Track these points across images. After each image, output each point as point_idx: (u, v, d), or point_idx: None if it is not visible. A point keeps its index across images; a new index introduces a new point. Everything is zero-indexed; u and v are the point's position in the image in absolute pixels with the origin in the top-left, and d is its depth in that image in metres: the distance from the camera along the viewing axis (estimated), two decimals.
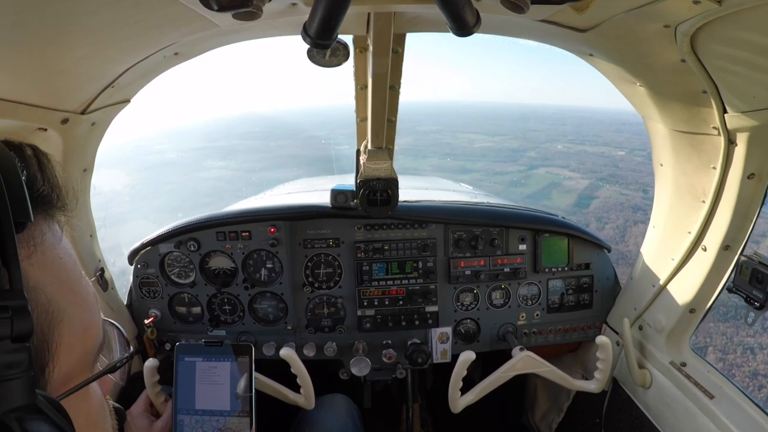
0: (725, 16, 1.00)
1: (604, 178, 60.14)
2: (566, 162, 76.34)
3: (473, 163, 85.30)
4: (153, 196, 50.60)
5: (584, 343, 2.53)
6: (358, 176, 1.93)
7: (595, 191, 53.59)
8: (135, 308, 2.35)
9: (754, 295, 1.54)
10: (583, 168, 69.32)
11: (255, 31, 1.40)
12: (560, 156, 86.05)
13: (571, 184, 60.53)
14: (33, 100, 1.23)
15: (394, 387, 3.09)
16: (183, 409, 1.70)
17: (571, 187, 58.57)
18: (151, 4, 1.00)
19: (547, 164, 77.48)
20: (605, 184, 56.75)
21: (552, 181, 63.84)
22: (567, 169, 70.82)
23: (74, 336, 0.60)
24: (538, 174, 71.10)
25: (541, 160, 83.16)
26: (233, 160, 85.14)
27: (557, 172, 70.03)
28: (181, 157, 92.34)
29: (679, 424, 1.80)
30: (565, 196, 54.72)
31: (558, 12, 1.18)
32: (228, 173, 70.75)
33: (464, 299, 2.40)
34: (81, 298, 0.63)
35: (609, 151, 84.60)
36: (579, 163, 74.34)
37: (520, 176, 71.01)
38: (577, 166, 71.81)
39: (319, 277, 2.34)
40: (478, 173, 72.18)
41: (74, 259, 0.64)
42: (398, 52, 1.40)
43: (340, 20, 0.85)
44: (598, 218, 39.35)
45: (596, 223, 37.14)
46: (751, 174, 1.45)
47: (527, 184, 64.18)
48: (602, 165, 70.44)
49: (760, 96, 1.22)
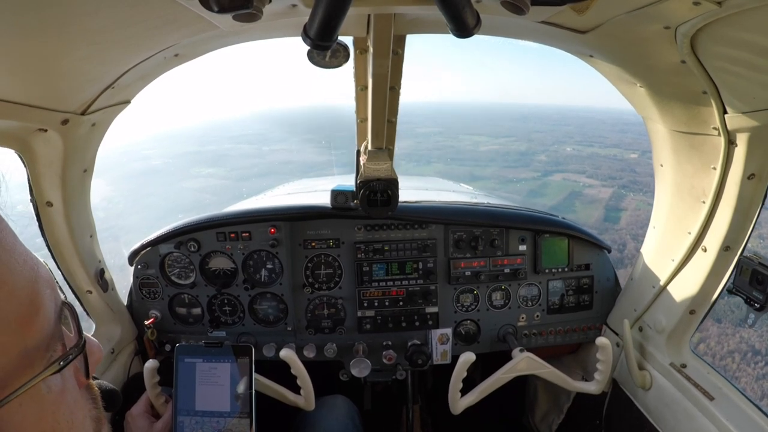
0: (725, 17, 1.00)
1: (626, 185, 58.20)
2: (581, 167, 74.35)
3: (482, 169, 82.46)
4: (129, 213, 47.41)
5: (584, 344, 2.53)
6: (359, 177, 1.93)
7: (621, 202, 51.63)
8: (135, 309, 2.35)
9: (754, 296, 1.53)
10: (601, 174, 67.45)
11: (255, 33, 1.40)
12: (572, 160, 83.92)
13: (592, 193, 58.59)
14: (33, 101, 1.23)
15: (394, 388, 3.09)
16: (183, 410, 1.69)
17: (594, 197, 56.59)
18: (152, 6, 1.00)
19: (561, 170, 75.28)
20: (628, 192, 55.06)
21: (572, 190, 61.66)
22: (584, 175, 68.70)
23: (3, 335, 0.52)
24: (554, 181, 68.67)
25: (553, 165, 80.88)
26: (222, 167, 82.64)
27: (574, 178, 67.96)
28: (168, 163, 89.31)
29: (679, 425, 1.79)
30: (590, 208, 52.52)
31: (558, 13, 1.18)
32: (215, 182, 68.18)
33: (464, 300, 2.40)
34: (10, 288, 0.53)
35: (621, 154, 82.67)
36: (594, 167, 72.28)
37: (536, 184, 68.23)
38: (594, 171, 69.81)
39: (320, 278, 2.34)
40: (489, 180, 69.25)
41: (5, 241, 0.55)
42: (398, 54, 1.40)
43: (341, 22, 0.85)
44: (634, 237, 35.67)
45: (634, 243, 32.37)
46: (752, 174, 1.45)
47: (546, 194, 61.74)
48: (619, 170, 68.38)
49: (760, 96, 1.22)
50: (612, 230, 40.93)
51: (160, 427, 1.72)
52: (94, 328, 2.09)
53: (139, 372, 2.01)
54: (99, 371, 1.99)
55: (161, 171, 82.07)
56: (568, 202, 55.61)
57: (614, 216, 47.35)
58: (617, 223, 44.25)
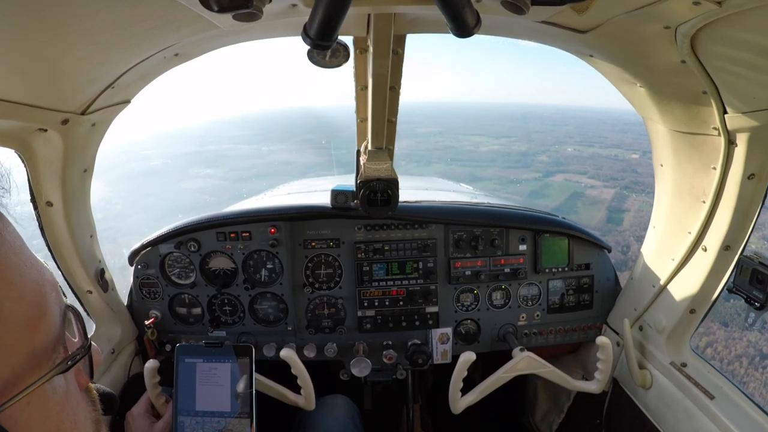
0: (725, 17, 1.00)
1: (628, 186, 57.05)
2: (582, 167, 73.32)
3: (483, 169, 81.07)
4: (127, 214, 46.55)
5: (584, 343, 2.53)
6: (359, 177, 1.93)
7: (623, 203, 50.64)
8: (135, 309, 2.35)
9: (755, 296, 1.53)
10: (602, 174, 66.37)
11: (255, 32, 1.40)
12: (574, 160, 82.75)
13: (594, 194, 57.51)
14: (33, 101, 1.23)
15: (394, 388, 3.09)
16: (183, 410, 1.69)
17: (596, 198, 55.56)
18: (152, 5, 1.00)
19: (562, 170, 74.14)
20: (631, 193, 53.90)
21: (574, 191, 60.54)
22: (585, 175, 67.57)
23: (13, 336, 0.53)
24: (556, 182, 67.62)
25: (555, 165, 79.71)
26: (221, 167, 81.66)
27: (576, 179, 66.81)
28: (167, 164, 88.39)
29: (679, 424, 1.80)
30: (593, 209, 51.49)
31: (558, 13, 1.18)
32: (214, 182, 67.26)
33: (464, 300, 2.40)
34: (20, 291, 0.55)
35: (622, 154, 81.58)
36: (596, 168, 71.14)
37: (538, 185, 67.09)
38: (595, 172, 68.68)
39: (320, 278, 2.34)
40: (490, 181, 68.10)
41: (15, 244, 0.56)
42: (398, 53, 1.40)
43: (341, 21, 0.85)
44: (638, 238, 35.70)
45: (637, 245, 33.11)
46: (752, 174, 1.45)
47: (548, 195, 60.78)
48: (620, 170, 67.24)
49: (760, 96, 1.22)
50: (615, 232, 40.28)
51: (160, 427, 1.72)
52: (95, 328, 2.09)
53: (139, 372, 2.01)
54: (99, 371, 1.99)
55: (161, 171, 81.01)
56: (570, 204, 54.81)
57: (617, 217, 46.63)
58: (620, 225, 43.59)
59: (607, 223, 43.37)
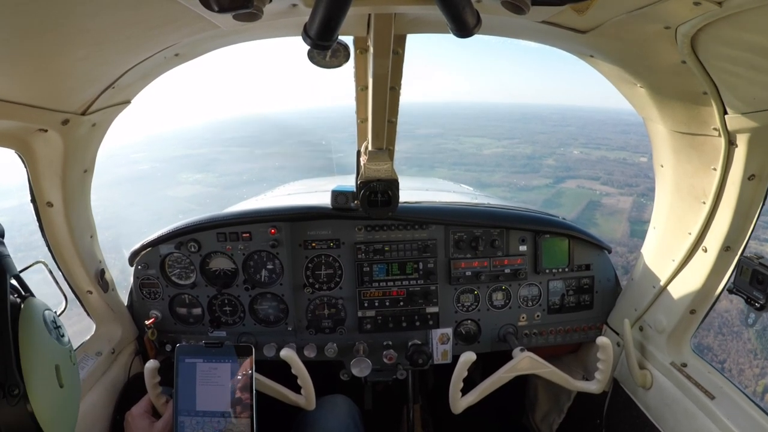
0: (726, 17, 1.00)
1: (645, 193, 54.00)
2: (593, 172, 70.90)
3: (489, 175, 77.92)
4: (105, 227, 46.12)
5: (585, 343, 2.53)
6: (359, 177, 1.93)
7: (643, 213, 47.93)
8: (135, 309, 2.35)
9: (755, 296, 1.53)
10: (615, 180, 64.07)
11: (255, 32, 1.40)
12: (582, 164, 79.95)
13: (611, 203, 55.09)
14: (33, 101, 1.23)
15: (394, 388, 3.09)
16: (184, 410, 1.69)
17: (613, 207, 53.16)
18: (152, 6, 1.00)
19: (573, 175, 71.52)
20: (648, 201, 50.31)
21: (590, 200, 57.88)
22: (598, 182, 65.10)
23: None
24: (568, 189, 65.09)
25: (564, 170, 77.06)
26: (212, 172, 78.46)
27: (588, 185, 64.40)
28: (155, 168, 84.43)
29: (679, 424, 1.79)
30: (612, 220, 48.98)
31: (558, 13, 1.18)
32: (202, 189, 64.28)
33: (465, 300, 2.40)
34: None
35: (630, 157, 79.10)
36: (607, 173, 68.73)
37: (550, 192, 64.26)
38: (607, 177, 66.29)
39: (320, 278, 2.34)
40: (499, 188, 64.82)
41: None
42: (399, 53, 1.40)
43: (341, 21, 0.85)
44: None
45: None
46: (752, 175, 1.45)
47: (562, 204, 57.96)
48: (633, 176, 64.69)
49: (761, 97, 1.22)
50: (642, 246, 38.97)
51: (160, 427, 1.72)
52: (95, 328, 2.09)
53: (139, 372, 2.01)
54: (100, 371, 1.99)
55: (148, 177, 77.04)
56: (588, 214, 52.32)
57: (640, 230, 43.03)
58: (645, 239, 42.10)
59: (631, 237, 40.59)
